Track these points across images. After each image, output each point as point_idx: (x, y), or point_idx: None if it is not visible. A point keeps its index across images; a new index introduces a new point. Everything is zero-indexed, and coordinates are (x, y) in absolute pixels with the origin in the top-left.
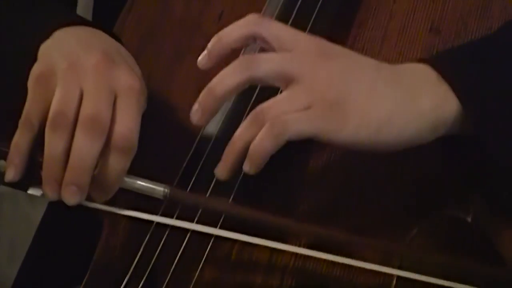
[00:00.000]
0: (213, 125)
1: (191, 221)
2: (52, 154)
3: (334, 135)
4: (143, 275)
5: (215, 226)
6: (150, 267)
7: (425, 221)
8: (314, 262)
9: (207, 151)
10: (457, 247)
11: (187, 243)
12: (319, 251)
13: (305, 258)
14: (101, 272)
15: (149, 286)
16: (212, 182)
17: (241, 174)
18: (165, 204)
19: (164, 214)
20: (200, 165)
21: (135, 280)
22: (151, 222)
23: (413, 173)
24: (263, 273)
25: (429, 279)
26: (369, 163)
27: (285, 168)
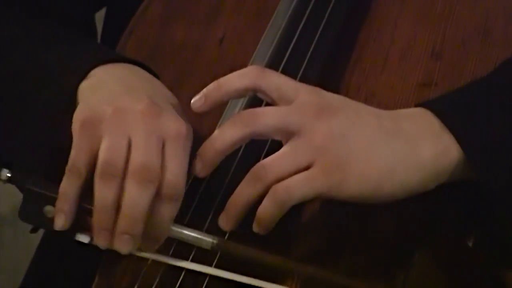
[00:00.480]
0: None
1: (187, 258)
2: (103, 204)
3: (336, 193)
4: None
5: (210, 265)
6: None
7: (425, 246)
8: None
9: (207, 177)
10: (457, 272)
11: (183, 278)
12: None
13: None
14: None
15: None
16: (210, 215)
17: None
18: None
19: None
20: (199, 193)
21: None
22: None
23: (413, 198)
24: None
25: None
26: None
27: None
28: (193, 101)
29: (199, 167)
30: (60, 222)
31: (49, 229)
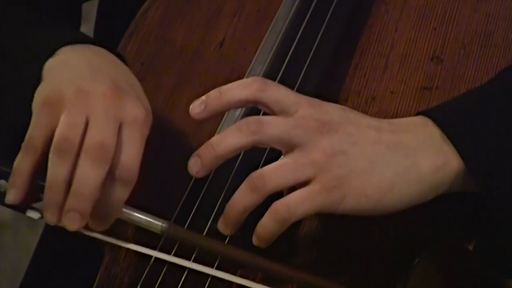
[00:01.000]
0: None
1: (189, 258)
2: (55, 180)
3: (336, 209)
4: None
5: (212, 266)
6: None
7: (425, 251)
8: None
9: (208, 180)
10: (458, 276)
11: (184, 279)
12: None
13: None
14: None
15: None
16: (211, 218)
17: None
18: (164, 239)
19: (163, 249)
20: (200, 196)
21: None
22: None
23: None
24: None
25: None
26: None
27: None
28: (192, 106)
29: (197, 168)
30: (11, 196)
31: (1, 203)
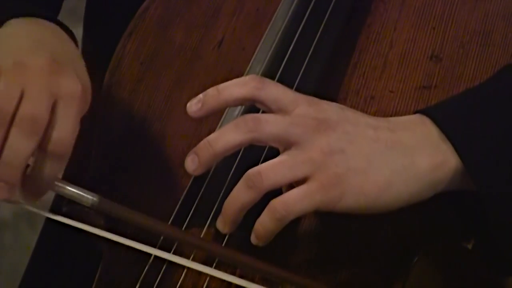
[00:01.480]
0: None
1: (187, 257)
2: None
3: (334, 207)
4: None
5: (211, 266)
6: None
7: (424, 250)
8: None
9: (208, 178)
10: (457, 274)
11: (186, 273)
12: None
13: None
14: None
15: None
16: (210, 217)
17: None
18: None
19: (162, 248)
20: (199, 194)
21: None
22: (149, 255)
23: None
24: None
25: None
26: None
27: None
28: (189, 104)
29: (194, 166)
30: None
31: None
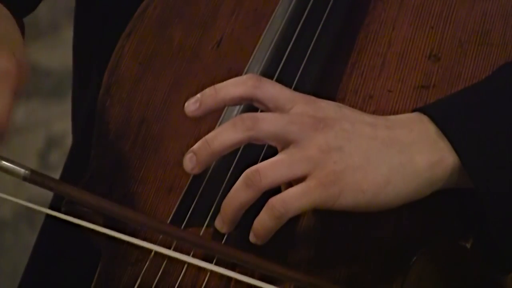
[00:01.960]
0: None
1: (188, 254)
2: None
3: (332, 204)
4: None
5: (211, 262)
6: None
7: (424, 248)
8: None
9: (206, 177)
10: (456, 273)
11: (185, 273)
12: None
13: None
14: None
15: None
16: (208, 216)
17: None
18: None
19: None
20: (198, 194)
21: None
22: (148, 252)
23: (410, 202)
24: None
25: None
26: None
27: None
28: (187, 104)
29: (192, 164)
30: None
31: None
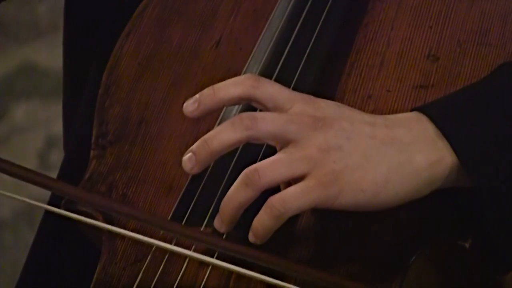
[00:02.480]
0: None
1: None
2: None
3: (332, 204)
4: None
5: (212, 256)
6: None
7: (422, 248)
8: None
9: (205, 177)
10: (455, 273)
11: (184, 272)
12: None
13: None
14: None
15: None
16: (207, 216)
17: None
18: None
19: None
20: (197, 193)
21: None
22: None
23: (409, 201)
24: None
25: None
26: None
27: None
28: (185, 104)
29: (191, 164)
30: None
31: None
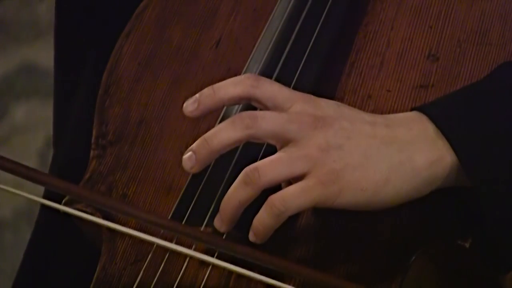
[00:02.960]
0: None
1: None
2: None
3: (332, 203)
4: None
5: (212, 256)
6: None
7: (423, 247)
8: None
9: (205, 177)
10: (455, 273)
11: (184, 272)
12: None
13: None
14: None
15: None
16: (208, 215)
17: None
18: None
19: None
20: (198, 193)
21: None
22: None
23: (409, 201)
24: None
25: None
26: None
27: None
28: (185, 104)
29: (191, 163)
30: None
31: None
